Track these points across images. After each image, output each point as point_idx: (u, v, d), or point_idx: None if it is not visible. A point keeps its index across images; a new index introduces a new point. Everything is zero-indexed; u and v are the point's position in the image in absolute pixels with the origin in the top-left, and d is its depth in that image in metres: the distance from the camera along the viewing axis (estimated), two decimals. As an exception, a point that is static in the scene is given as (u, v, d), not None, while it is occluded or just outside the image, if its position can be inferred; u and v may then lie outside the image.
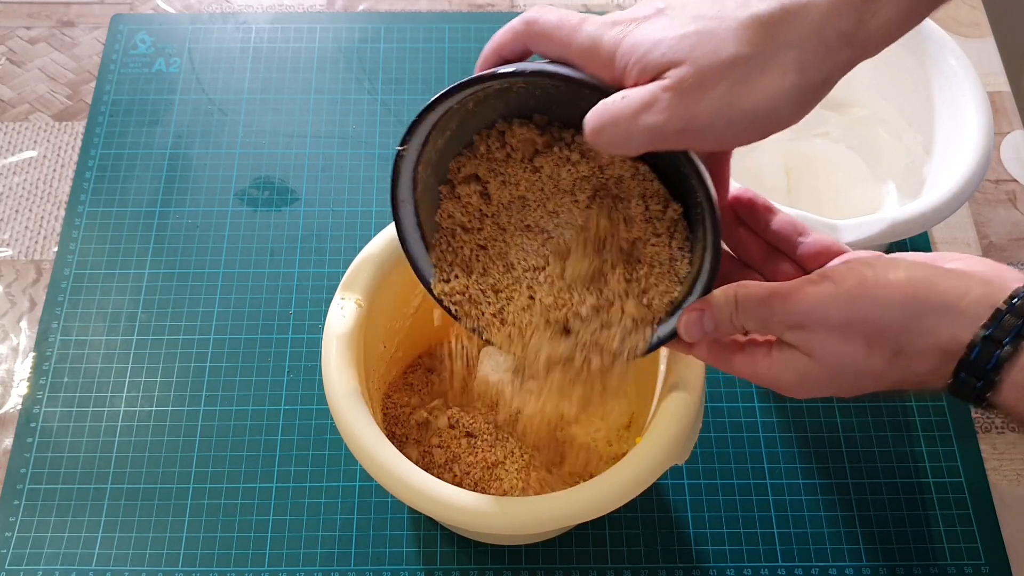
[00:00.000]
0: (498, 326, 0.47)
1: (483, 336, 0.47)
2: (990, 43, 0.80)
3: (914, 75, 0.62)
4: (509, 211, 0.47)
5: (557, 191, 0.45)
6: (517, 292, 0.47)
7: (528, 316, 0.46)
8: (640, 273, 0.45)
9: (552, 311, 0.46)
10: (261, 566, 0.58)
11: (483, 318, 0.47)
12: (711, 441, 0.62)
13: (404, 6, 0.82)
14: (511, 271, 0.47)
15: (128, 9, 0.82)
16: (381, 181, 0.73)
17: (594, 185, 0.45)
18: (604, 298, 0.45)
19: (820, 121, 0.67)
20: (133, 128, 0.75)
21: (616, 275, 0.45)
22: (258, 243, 0.70)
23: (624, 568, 0.58)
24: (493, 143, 0.45)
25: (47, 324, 0.67)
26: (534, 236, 0.47)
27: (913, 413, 0.64)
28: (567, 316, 0.45)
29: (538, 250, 0.46)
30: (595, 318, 0.45)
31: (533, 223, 0.46)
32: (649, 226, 0.45)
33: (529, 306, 0.46)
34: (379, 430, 0.47)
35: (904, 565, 0.59)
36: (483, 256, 0.47)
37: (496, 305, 0.47)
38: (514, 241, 0.47)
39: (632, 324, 0.45)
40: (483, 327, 0.47)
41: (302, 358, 0.66)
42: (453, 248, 0.48)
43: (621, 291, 0.45)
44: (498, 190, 0.46)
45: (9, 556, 0.58)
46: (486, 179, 0.46)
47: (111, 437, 0.62)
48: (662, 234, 0.44)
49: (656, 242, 0.45)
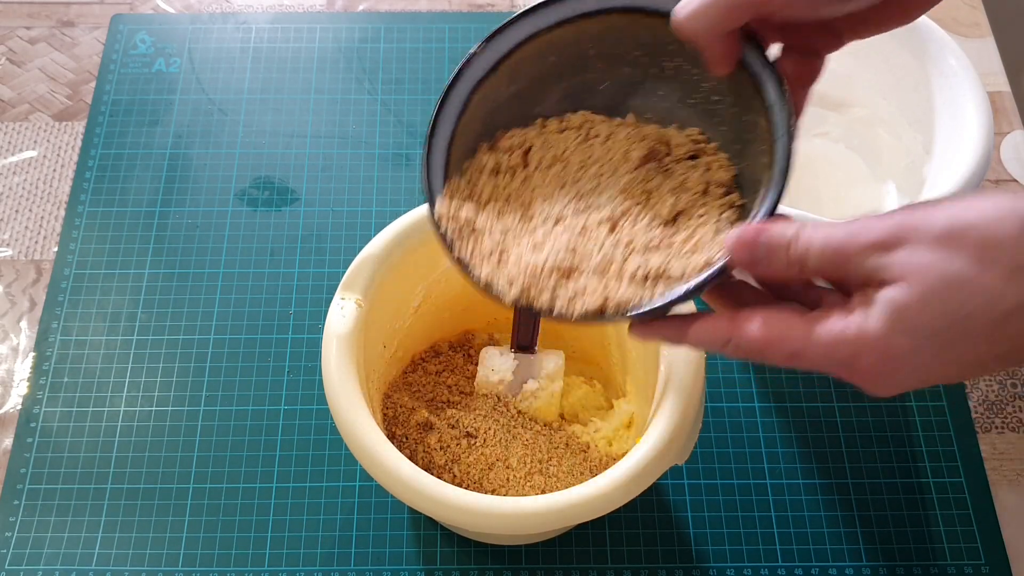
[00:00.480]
0: (494, 265, 0.42)
1: (471, 272, 0.42)
2: (990, 43, 0.80)
3: (914, 75, 0.62)
4: (546, 172, 0.43)
5: (607, 154, 0.42)
6: (529, 237, 0.42)
7: (533, 257, 0.41)
8: (676, 238, 0.40)
9: (562, 255, 0.41)
10: (261, 566, 0.58)
11: (477, 253, 0.42)
12: (711, 441, 0.62)
13: (404, 6, 0.83)
14: (528, 220, 0.43)
15: (128, 9, 0.82)
16: (381, 181, 0.73)
17: (651, 147, 0.42)
18: (624, 245, 0.40)
19: (820, 121, 0.67)
20: (133, 128, 0.75)
21: (648, 227, 0.41)
22: (258, 243, 0.70)
23: (624, 568, 0.58)
24: (551, 122, 0.44)
25: (47, 324, 0.67)
26: (566, 192, 0.42)
27: (913, 413, 0.64)
28: (576, 263, 0.41)
29: (566, 206, 0.42)
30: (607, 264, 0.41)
31: (570, 182, 0.42)
32: (700, 199, 0.41)
33: (537, 247, 0.42)
34: (379, 430, 0.47)
35: (904, 565, 0.59)
36: (502, 203, 0.43)
37: (499, 242, 0.42)
38: (542, 193, 0.43)
39: (646, 278, 0.40)
40: (474, 263, 0.42)
41: (302, 358, 0.66)
42: (472, 185, 0.44)
43: (645, 244, 0.40)
44: (540, 151, 0.43)
45: (9, 556, 0.58)
46: (531, 143, 0.44)
47: (111, 437, 0.62)
48: (712, 209, 0.40)
49: (704, 212, 0.40)
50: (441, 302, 0.60)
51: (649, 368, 0.54)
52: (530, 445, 0.56)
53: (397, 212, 0.60)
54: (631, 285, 0.40)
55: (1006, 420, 0.64)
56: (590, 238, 0.41)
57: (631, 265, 0.40)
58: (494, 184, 0.44)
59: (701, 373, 0.49)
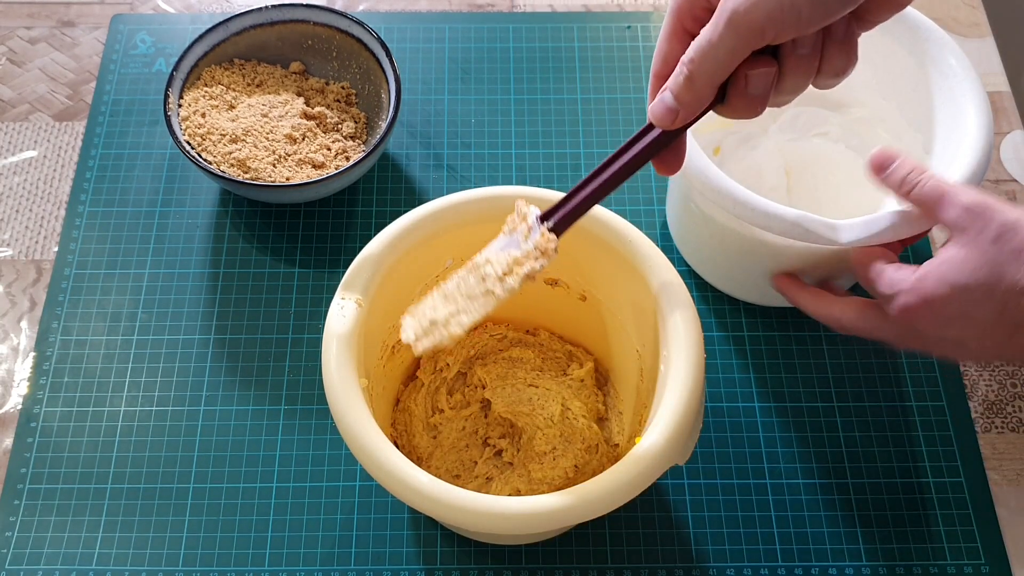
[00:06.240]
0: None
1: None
2: (990, 43, 0.80)
3: (914, 75, 0.62)
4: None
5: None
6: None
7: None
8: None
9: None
10: (261, 566, 0.58)
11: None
12: (711, 441, 0.62)
13: (404, 6, 0.82)
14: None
15: (128, 9, 0.82)
16: (381, 181, 0.73)
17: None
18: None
19: (820, 121, 0.67)
20: (133, 128, 0.75)
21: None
22: (258, 243, 0.70)
23: (624, 568, 0.58)
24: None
25: (47, 324, 0.67)
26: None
27: (913, 413, 0.64)
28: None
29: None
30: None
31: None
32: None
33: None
34: (379, 430, 0.47)
35: (904, 565, 0.59)
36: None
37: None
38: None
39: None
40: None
41: (302, 358, 0.66)
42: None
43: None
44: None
45: (9, 556, 0.58)
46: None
47: (111, 437, 0.63)
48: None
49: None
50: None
51: (649, 368, 0.54)
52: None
53: (397, 212, 0.60)
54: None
55: (1006, 420, 0.64)
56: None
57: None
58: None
59: (701, 373, 0.49)
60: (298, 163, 0.67)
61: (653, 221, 0.71)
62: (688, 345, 0.49)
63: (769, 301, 0.66)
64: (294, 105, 0.70)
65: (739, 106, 0.44)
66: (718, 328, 0.67)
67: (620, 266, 0.54)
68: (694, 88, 0.43)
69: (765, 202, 0.55)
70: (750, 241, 0.60)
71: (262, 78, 0.73)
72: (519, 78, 0.77)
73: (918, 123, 0.62)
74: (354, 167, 0.66)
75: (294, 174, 0.67)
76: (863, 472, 0.62)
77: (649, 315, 0.52)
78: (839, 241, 0.53)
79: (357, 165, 0.66)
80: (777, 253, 0.60)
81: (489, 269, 0.47)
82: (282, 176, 0.66)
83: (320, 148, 0.69)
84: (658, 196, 0.72)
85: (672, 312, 0.51)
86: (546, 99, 0.77)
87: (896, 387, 0.65)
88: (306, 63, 0.74)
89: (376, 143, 0.67)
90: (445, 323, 0.47)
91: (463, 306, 0.48)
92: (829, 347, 0.66)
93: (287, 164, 0.67)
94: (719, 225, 0.61)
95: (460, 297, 0.48)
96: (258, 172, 0.66)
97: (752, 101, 0.43)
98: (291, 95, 0.71)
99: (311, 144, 0.69)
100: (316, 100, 0.72)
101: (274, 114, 0.69)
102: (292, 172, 0.67)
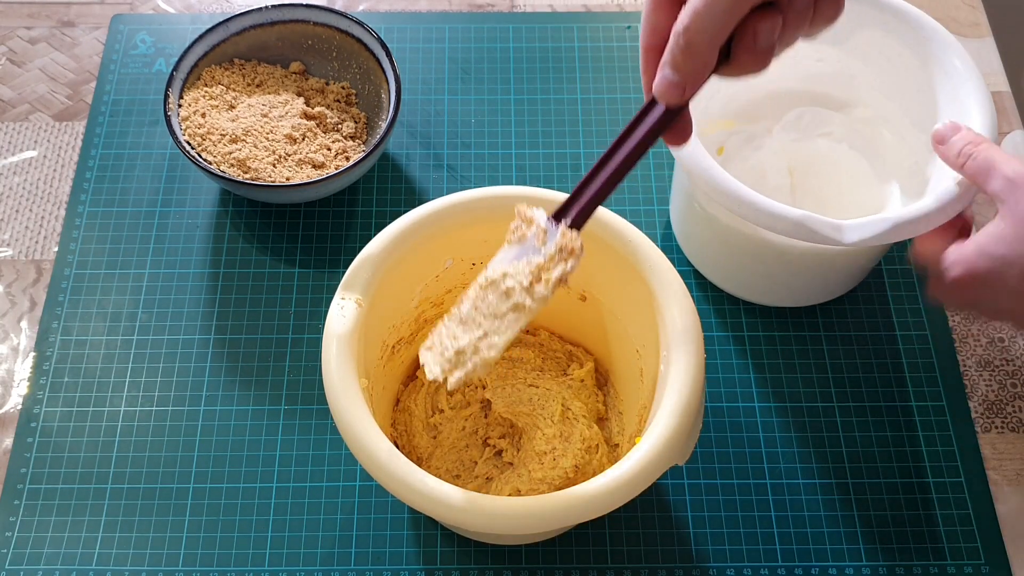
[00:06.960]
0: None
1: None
2: (990, 43, 0.80)
3: (917, 75, 0.62)
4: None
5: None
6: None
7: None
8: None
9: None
10: (261, 566, 0.58)
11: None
12: (711, 441, 0.62)
13: (404, 6, 0.82)
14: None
15: (128, 9, 0.82)
16: (381, 181, 0.73)
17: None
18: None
19: (824, 121, 0.67)
20: (133, 128, 0.75)
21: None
22: (258, 243, 0.70)
23: (624, 568, 0.58)
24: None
25: (47, 324, 0.67)
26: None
27: (913, 413, 0.64)
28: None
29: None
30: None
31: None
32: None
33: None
34: (379, 430, 0.47)
35: (904, 565, 0.59)
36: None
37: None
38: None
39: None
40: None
41: (302, 358, 0.66)
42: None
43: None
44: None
45: (9, 556, 0.58)
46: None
47: (111, 437, 0.62)
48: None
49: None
50: (441, 301, 0.60)
51: (649, 368, 0.54)
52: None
53: (397, 212, 0.60)
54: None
55: (1006, 420, 0.64)
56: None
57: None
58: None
59: (701, 374, 0.49)
60: (298, 163, 0.67)
61: (653, 221, 0.71)
62: (688, 345, 0.49)
63: (771, 301, 0.66)
64: (294, 105, 0.70)
65: (747, 62, 0.42)
66: (719, 328, 0.67)
67: (620, 266, 0.54)
68: (695, 55, 0.41)
69: (769, 202, 0.55)
70: (754, 241, 0.60)
71: (262, 78, 0.73)
72: (519, 78, 0.77)
73: (922, 123, 0.62)
74: (354, 167, 0.66)
75: (294, 174, 0.67)
76: (863, 472, 0.62)
77: (649, 315, 0.52)
78: (843, 241, 0.53)
79: (357, 165, 0.66)
80: (781, 253, 0.60)
81: (511, 282, 0.44)
82: (282, 176, 0.66)
83: (320, 148, 0.69)
84: (658, 196, 0.72)
85: (672, 312, 0.51)
86: (546, 99, 0.77)
87: (896, 387, 0.65)
88: (306, 63, 0.74)
89: (376, 143, 0.67)
90: (475, 349, 0.44)
91: (490, 327, 0.44)
92: (829, 347, 0.66)
93: (287, 164, 0.67)
94: (723, 225, 0.61)
95: (483, 319, 0.45)
96: (258, 172, 0.66)
97: (762, 54, 0.42)
98: (291, 95, 0.71)
99: (311, 144, 0.69)
100: (316, 100, 0.72)
101: (274, 114, 0.69)
102: (292, 172, 0.67)
